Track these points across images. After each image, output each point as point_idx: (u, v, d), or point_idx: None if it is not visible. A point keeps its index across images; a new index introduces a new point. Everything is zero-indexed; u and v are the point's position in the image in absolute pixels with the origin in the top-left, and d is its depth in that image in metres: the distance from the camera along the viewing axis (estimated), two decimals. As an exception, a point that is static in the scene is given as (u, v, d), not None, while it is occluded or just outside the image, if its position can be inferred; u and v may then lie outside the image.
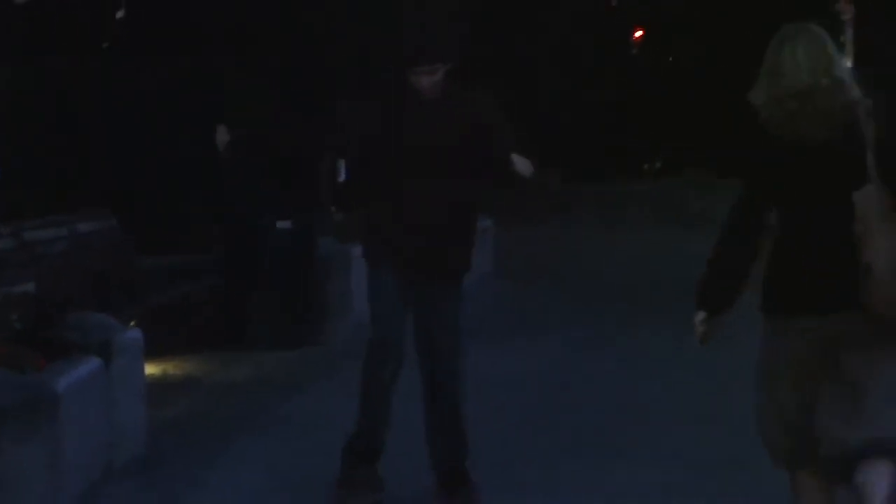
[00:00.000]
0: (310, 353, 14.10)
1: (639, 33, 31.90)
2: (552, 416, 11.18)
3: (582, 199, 27.85)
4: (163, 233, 14.63)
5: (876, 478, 7.06)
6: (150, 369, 11.42)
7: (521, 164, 8.34)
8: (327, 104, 15.68)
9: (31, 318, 9.78)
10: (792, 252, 7.24)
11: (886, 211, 7.05)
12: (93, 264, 11.89)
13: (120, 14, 19.60)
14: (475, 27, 23.33)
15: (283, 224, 14.65)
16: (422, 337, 8.48)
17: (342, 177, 16.94)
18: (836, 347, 7.18)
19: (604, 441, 10.43)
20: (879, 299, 7.00)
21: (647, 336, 14.31)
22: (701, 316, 7.28)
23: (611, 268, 17.98)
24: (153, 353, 11.41)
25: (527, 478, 9.29)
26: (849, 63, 16.56)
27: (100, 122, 14.74)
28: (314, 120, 16.10)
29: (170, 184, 15.30)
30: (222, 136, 14.04)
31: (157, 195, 14.93)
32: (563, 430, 10.78)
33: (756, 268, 7.31)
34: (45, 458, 8.22)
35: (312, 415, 11.51)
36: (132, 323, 10.89)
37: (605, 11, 31.85)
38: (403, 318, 8.42)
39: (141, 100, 15.93)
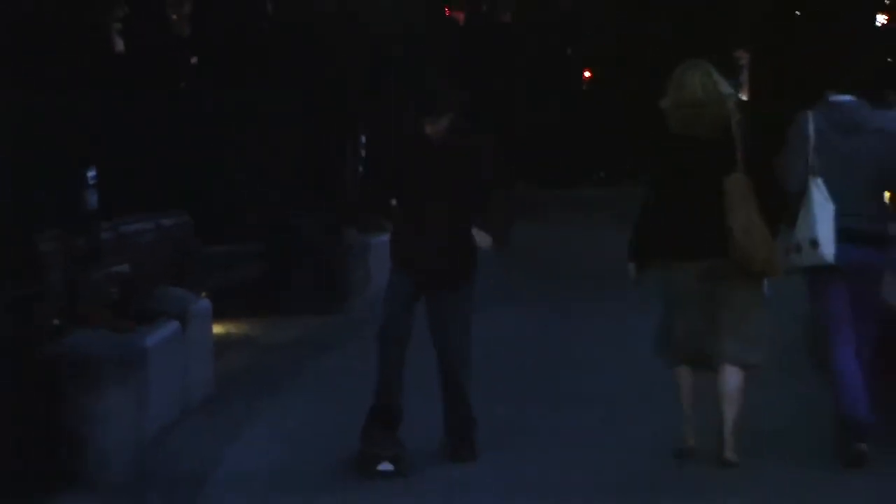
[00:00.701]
0: (336, 319, 14.10)
1: (587, 74, 31.93)
2: (521, 370, 11.22)
3: (547, 201, 27.88)
4: (224, 226, 14.64)
5: (731, 378, 8.14)
6: (216, 330, 11.45)
7: (481, 237, 8.37)
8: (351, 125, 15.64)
9: (125, 291, 9.85)
10: (678, 216, 8.19)
11: (745, 191, 8.06)
12: (172, 250, 11.93)
13: (194, 60, 19.64)
14: (465, 72, 23.36)
15: (318, 219, 14.71)
16: (436, 333, 8.34)
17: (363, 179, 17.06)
18: (708, 282, 8.18)
19: (560, 388, 10.53)
20: (736, 250, 8.03)
21: (599, 308, 14.27)
22: (631, 266, 8.45)
23: (568, 255, 17.86)
24: (218, 318, 11.53)
25: (500, 413, 9.26)
26: (744, 96, 16.80)
27: (177, 142, 14.78)
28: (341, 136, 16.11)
29: (229, 188, 15.32)
30: None
31: (220, 197, 14.95)
32: (528, 379, 10.86)
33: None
34: (136, 398, 8.32)
35: (338, 367, 11.59)
36: (203, 295, 10.93)
37: (563, 58, 31.94)
38: (410, 314, 8.27)
39: (206, 124, 15.96)
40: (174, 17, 22.05)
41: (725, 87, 8.35)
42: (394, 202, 8.64)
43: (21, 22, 17.43)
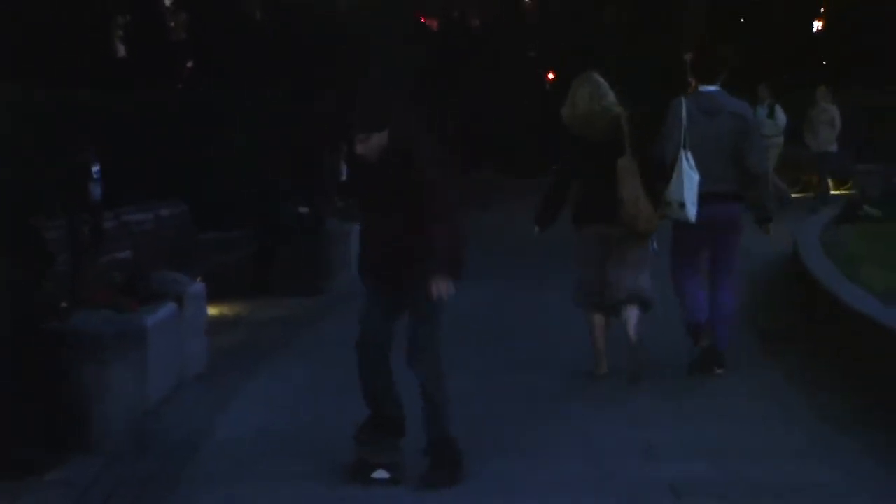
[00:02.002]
0: (319, 299, 14.03)
1: (551, 76, 31.83)
2: (481, 336, 11.32)
3: (509, 188, 27.89)
4: (217, 215, 14.63)
5: (630, 313, 9.53)
6: (210, 310, 11.39)
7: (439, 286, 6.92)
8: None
9: (127, 275, 9.85)
10: (583, 192, 9.56)
11: (633, 170, 9.30)
12: (169, 237, 11.94)
13: (189, 64, 19.66)
14: (439, 72, 23.38)
15: (302, 209, 14.68)
16: (406, 343, 7.17)
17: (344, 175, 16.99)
18: (610, 242, 9.51)
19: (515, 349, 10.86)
20: (625, 216, 9.32)
21: (550, 283, 14.18)
22: (536, 229, 9.84)
23: (525, 236, 17.64)
24: (212, 299, 11.48)
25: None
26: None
27: (174, 138, 14.75)
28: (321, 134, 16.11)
29: (222, 180, 15.30)
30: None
31: (214, 188, 14.93)
32: (483, 344, 11.02)
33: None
34: (136, 372, 8.33)
35: (320, 341, 11.57)
36: (198, 278, 10.93)
37: (528, 59, 31.83)
38: (384, 321, 7.18)
39: (200, 123, 15.95)
40: (172, 23, 22.05)
41: (609, 94, 9.55)
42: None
43: (34, 29, 17.43)
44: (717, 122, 9.54)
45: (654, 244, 9.74)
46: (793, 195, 23.64)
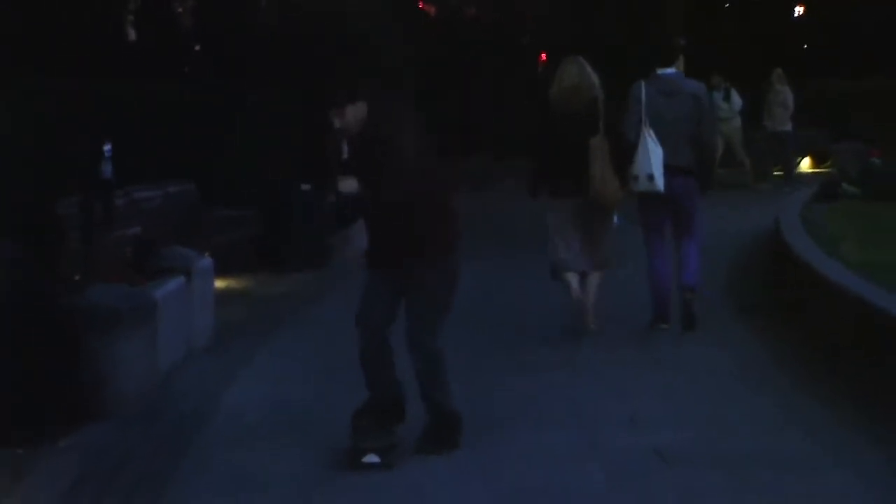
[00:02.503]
0: (320, 275, 14.04)
1: (543, 57, 31.69)
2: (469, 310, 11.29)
3: (504, 172, 27.81)
4: (224, 194, 14.63)
5: (592, 278, 10.19)
6: (218, 284, 11.43)
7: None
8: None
9: (137, 250, 9.86)
10: (560, 166, 9.93)
11: (603, 150, 9.79)
12: (178, 214, 11.93)
13: (197, 48, 19.62)
14: (437, 59, 23.27)
15: (305, 187, 14.67)
16: (406, 320, 6.92)
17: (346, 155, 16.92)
18: (581, 214, 10.07)
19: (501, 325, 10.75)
20: (595, 191, 9.85)
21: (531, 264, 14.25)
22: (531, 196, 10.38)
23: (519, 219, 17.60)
24: (219, 273, 11.53)
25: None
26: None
27: (183, 120, 14.74)
28: (323, 118, 16.05)
29: (229, 160, 15.30)
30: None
31: (222, 168, 14.93)
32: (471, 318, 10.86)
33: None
34: (147, 344, 8.34)
35: (322, 315, 11.62)
36: (206, 253, 10.93)
37: (521, 42, 31.69)
38: (384, 302, 6.87)
39: (208, 106, 15.94)
40: (179, 10, 21.99)
41: (593, 75, 10.07)
42: None
43: (49, 17, 17.40)
44: (674, 101, 10.07)
45: (617, 217, 10.41)
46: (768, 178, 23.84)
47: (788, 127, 22.87)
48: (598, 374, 9.04)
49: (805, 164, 28.76)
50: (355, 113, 6.70)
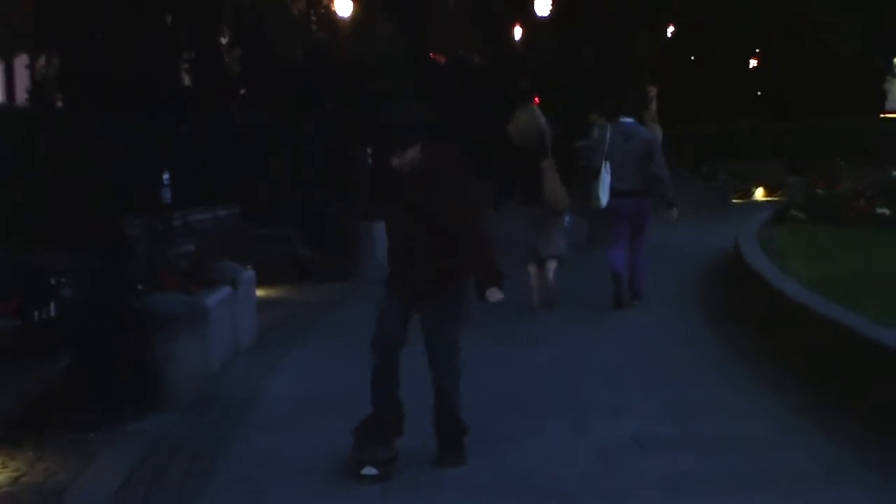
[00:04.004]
0: (349, 285, 13.96)
1: (537, 100, 31.54)
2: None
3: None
4: (265, 216, 14.62)
5: (550, 265, 11.67)
6: (259, 293, 11.42)
7: (491, 292, 6.26)
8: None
9: (191, 264, 9.84)
10: (522, 182, 11.59)
11: (552, 168, 11.47)
12: (225, 233, 11.91)
13: (242, 91, 19.63)
14: (446, 100, 23.24)
15: (335, 210, 14.67)
16: (425, 344, 6.48)
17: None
18: (538, 217, 11.55)
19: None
20: (546, 198, 11.47)
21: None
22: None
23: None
24: (260, 284, 11.49)
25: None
26: (656, 121, 17.57)
27: (229, 152, 14.75)
28: (352, 149, 16.08)
29: (269, 186, 15.29)
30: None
31: (262, 193, 14.91)
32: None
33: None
34: (200, 343, 8.31)
35: (350, 319, 11.43)
36: (248, 267, 10.93)
37: (520, 90, 31.57)
38: (400, 327, 6.38)
39: (251, 139, 15.94)
40: (227, 59, 22.03)
41: (541, 118, 11.65)
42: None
43: (120, 65, 17.42)
44: (630, 143, 11.44)
45: (567, 218, 11.97)
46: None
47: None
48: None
49: (759, 193, 28.80)
50: (413, 154, 6.28)
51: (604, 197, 11.36)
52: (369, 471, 6.20)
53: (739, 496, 5.90)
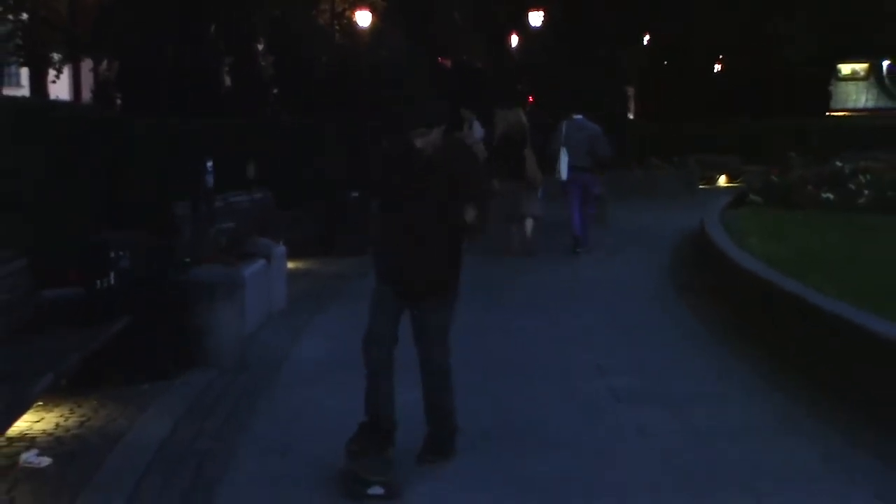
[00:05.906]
0: (366, 259, 13.87)
1: (531, 99, 31.41)
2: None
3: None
4: (294, 198, 14.58)
5: (527, 222, 13.67)
6: (289, 266, 11.37)
7: (469, 214, 5.33)
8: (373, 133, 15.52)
9: (231, 240, 9.81)
10: (509, 164, 13.29)
11: (531, 154, 13.50)
12: (260, 214, 11.88)
13: (275, 92, 19.54)
14: (451, 99, 23.17)
15: (354, 194, 14.64)
16: (418, 341, 5.55)
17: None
18: (520, 188, 13.47)
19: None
20: (527, 178, 13.47)
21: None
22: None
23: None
24: (290, 257, 11.47)
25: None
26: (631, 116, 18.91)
27: (263, 146, 14.69)
28: (367, 142, 15.99)
29: (298, 175, 15.23)
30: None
31: (292, 180, 14.85)
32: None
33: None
34: (237, 310, 8.18)
35: (369, 289, 11.48)
36: (280, 243, 10.90)
37: (515, 90, 31.38)
38: (392, 322, 5.52)
39: (282, 136, 15.91)
40: (262, 63, 22.01)
41: (523, 117, 13.83)
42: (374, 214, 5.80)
43: (170, 69, 17.34)
44: (581, 134, 13.68)
45: (541, 192, 13.83)
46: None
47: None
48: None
49: (722, 180, 28.74)
50: (437, 135, 5.36)
51: (564, 172, 13.61)
52: (376, 490, 5.09)
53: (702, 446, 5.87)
